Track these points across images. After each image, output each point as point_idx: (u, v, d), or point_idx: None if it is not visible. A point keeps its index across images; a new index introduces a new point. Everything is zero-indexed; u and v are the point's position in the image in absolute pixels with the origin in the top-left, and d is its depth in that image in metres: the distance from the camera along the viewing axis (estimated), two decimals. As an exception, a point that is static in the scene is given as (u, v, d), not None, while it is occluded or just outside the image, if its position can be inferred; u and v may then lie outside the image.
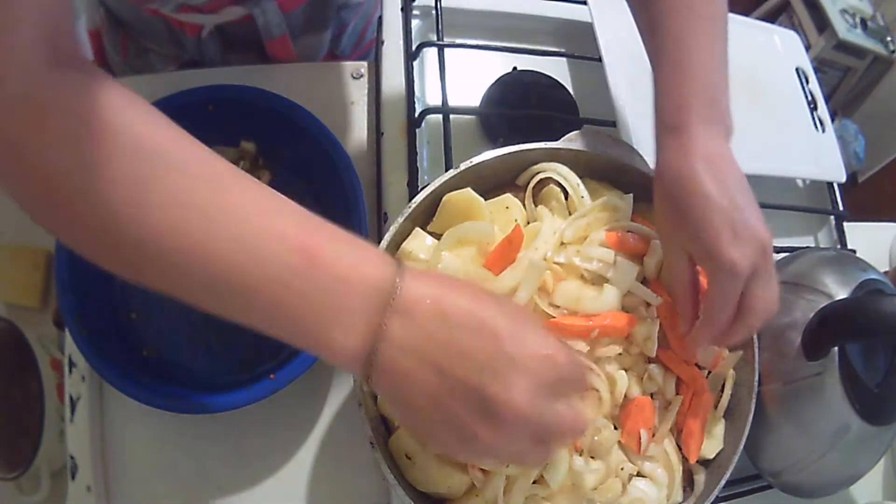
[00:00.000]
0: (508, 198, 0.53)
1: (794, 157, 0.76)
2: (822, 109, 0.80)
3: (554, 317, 0.49)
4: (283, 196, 0.37)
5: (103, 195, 0.33)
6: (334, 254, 0.35)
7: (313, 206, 0.36)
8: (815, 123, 0.79)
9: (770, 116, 0.77)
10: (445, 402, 0.35)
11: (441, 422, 0.36)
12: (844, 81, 1.90)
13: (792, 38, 0.85)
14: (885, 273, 0.68)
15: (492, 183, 0.55)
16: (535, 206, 0.55)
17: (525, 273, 0.48)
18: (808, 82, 0.81)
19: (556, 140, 0.56)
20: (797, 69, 0.82)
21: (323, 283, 0.34)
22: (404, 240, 0.52)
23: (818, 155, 0.78)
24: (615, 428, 0.50)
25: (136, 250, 0.34)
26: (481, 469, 0.46)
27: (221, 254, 0.34)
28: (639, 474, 0.51)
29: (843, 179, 0.78)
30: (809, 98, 0.80)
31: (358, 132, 0.73)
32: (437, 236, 0.52)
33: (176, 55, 0.75)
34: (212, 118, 0.62)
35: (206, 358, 0.61)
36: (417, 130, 0.67)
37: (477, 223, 0.50)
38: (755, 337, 0.55)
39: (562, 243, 0.52)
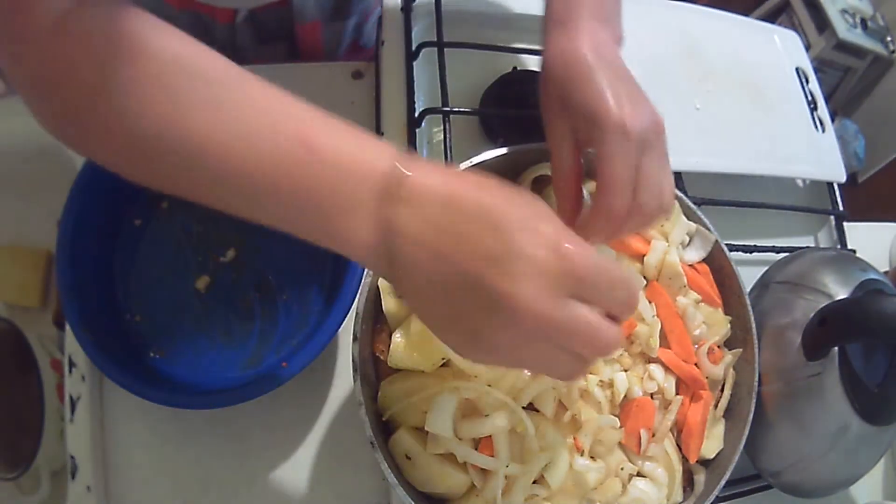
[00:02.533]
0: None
1: (794, 157, 0.76)
2: (822, 109, 0.80)
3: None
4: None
5: (142, 108, 0.35)
6: (334, 146, 0.36)
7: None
8: (815, 123, 0.79)
9: (770, 116, 0.77)
10: (451, 293, 0.34)
11: (449, 316, 0.35)
12: (844, 81, 1.90)
13: (792, 38, 0.85)
14: (885, 273, 0.68)
15: (492, 183, 0.54)
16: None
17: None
18: (808, 82, 0.81)
19: (556, 140, 0.56)
20: (797, 69, 0.82)
21: (326, 172, 0.35)
22: (404, 240, 0.52)
23: (818, 155, 0.78)
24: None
25: (173, 157, 0.36)
26: (481, 469, 0.46)
27: (240, 151, 0.35)
28: (639, 474, 0.51)
29: (843, 179, 0.78)
30: (809, 98, 0.80)
31: (358, 132, 0.73)
32: (437, 236, 0.51)
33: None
34: None
35: (213, 354, 0.62)
36: (417, 130, 0.67)
37: None
38: (755, 337, 0.55)
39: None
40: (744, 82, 0.77)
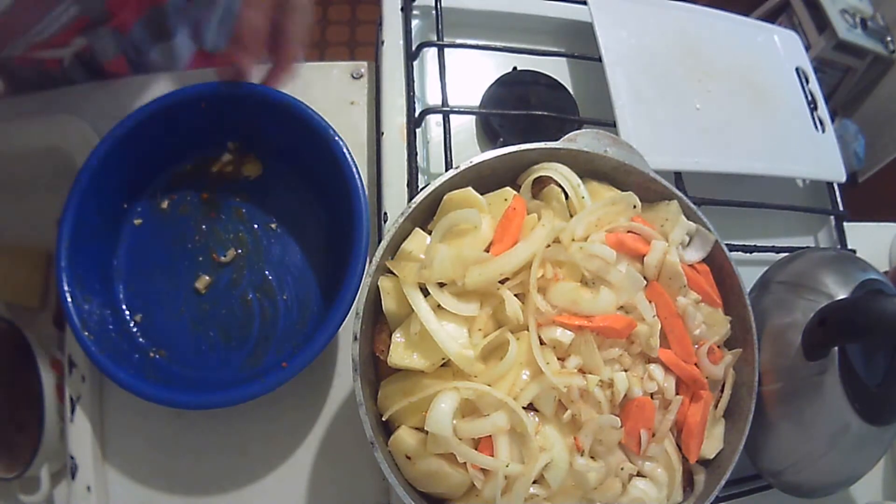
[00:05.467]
0: (507, 190, 0.53)
1: (794, 157, 0.76)
2: (822, 110, 0.80)
3: (553, 315, 0.48)
4: None
5: None
6: None
7: (313, 201, 0.36)
8: (815, 123, 0.79)
9: (770, 116, 0.77)
10: None
11: None
12: (844, 81, 1.89)
13: (792, 38, 0.85)
14: (885, 273, 0.68)
15: (492, 183, 0.54)
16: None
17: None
18: (808, 82, 0.81)
19: (556, 140, 0.56)
20: (797, 69, 0.82)
21: None
22: (404, 240, 0.52)
23: (818, 155, 0.78)
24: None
25: None
26: (481, 469, 0.46)
27: None
28: (639, 474, 0.51)
29: (843, 179, 0.78)
30: (809, 98, 0.80)
31: (358, 132, 0.73)
32: (438, 236, 0.52)
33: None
34: (205, 114, 0.63)
35: (213, 355, 0.62)
36: (417, 130, 0.67)
37: (461, 211, 0.50)
38: (755, 337, 0.55)
39: (565, 240, 0.52)
40: (744, 82, 0.77)
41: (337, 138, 0.61)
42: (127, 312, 0.62)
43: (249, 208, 0.67)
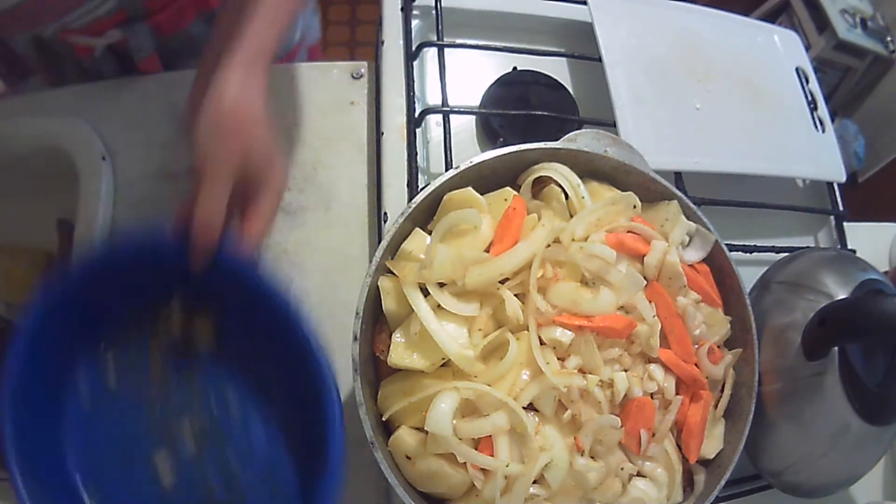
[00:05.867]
0: (507, 190, 0.53)
1: (794, 157, 0.76)
2: (822, 109, 0.80)
3: (553, 315, 0.49)
4: None
5: None
6: None
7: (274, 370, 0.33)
8: (815, 123, 0.79)
9: (770, 116, 0.77)
10: None
11: None
12: (844, 81, 1.89)
13: (792, 38, 0.85)
14: (885, 273, 0.68)
15: (492, 183, 0.55)
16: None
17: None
18: (808, 82, 0.81)
19: (556, 140, 0.56)
20: (797, 69, 0.82)
21: None
22: (404, 240, 0.52)
23: (818, 155, 0.78)
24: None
25: None
26: (481, 469, 0.46)
27: None
28: (639, 474, 0.51)
29: (843, 179, 0.78)
30: (809, 98, 0.80)
31: (358, 132, 0.73)
32: (438, 236, 0.51)
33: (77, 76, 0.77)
34: (148, 268, 0.53)
35: None
36: (417, 130, 0.67)
37: (461, 211, 0.50)
38: (755, 337, 0.55)
39: (565, 240, 0.52)
40: (744, 82, 0.77)
41: (300, 315, 0.51)
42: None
43: (205, 380, 0.56)
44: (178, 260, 0.51)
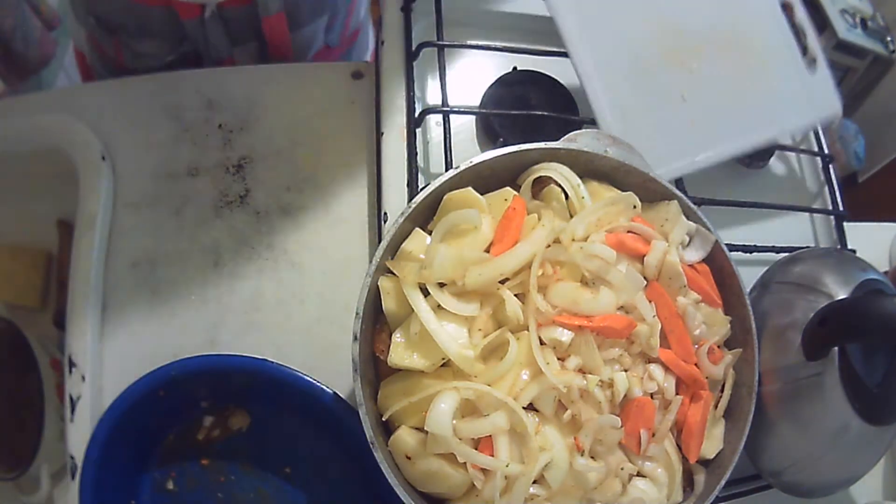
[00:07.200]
0: (507, 190, 0.53)
1: (788, 111, 0.73)
2: (812, 41, 0.75)
3: (553, 315, 0.48)
4: None
5: None
6: None
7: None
8: (806, 64, 0.75)
9: (759, 74, 0.73)
10: None
11: None
12: (844, 81, 1.89)
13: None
14: (885, 273, 0.68)
15: (492, 183, 0.55)
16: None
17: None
18: (794, 15, 0.76)
19: (556, 140, 0.56)
20: (781, 4, 0.76)
21: None
22: (404, 240, 0.52)
23: (811, 96, 0.74)
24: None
25: None
26: (481, 469, 0.46)
27: None
28: (639, 474, 0.51)
29: (840, 113, 0.75)
30: (798, 33, 0.75)
31: (358, 132, 0.73)
32: (438, 236, 0.51)
33: (175, 45, 0.74)
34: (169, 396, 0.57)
35: None
36: (417, 130, 0.67)
37: (461, 211, 0.50)
38: (755, 337, 0.55)
39: (565, 240, 0.52)
40: (728, 44, 0.73)
41: (327, 391, 0.58)
42: None
43: (256, 459, 0.60)
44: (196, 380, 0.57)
